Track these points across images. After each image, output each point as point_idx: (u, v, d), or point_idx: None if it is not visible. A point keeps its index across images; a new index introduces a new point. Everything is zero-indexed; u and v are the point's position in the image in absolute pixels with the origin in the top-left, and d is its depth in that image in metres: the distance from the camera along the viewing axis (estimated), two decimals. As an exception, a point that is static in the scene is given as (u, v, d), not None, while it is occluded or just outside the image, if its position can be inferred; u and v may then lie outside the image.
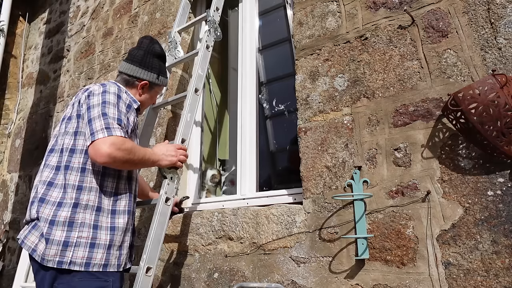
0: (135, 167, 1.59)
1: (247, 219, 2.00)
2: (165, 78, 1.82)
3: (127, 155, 1.41)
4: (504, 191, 1.36)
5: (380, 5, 1.80)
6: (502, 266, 1.32)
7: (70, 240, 1.35)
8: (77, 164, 1.44)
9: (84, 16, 3.96)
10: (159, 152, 1.63)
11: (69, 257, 1.33)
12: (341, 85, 1.84)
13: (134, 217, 1.58)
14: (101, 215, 1.43)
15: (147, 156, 1.53)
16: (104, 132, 1.37)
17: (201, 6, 2.92)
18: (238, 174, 2.35)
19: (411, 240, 1.50)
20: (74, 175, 1.42)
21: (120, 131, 1.41)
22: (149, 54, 1.75)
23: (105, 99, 1.46)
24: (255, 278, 1.88)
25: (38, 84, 4.38)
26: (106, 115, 1.41)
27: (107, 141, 1.36)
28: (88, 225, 1.39)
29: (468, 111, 1.31)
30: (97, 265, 1.38)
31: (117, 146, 1.37)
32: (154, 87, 1.77)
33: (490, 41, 1.48)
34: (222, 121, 2.98)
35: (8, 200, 4.17)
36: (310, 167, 1.83)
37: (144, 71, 1.72)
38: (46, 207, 1.39)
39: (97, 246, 1.39)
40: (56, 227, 1.36)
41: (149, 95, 1.76)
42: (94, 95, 1.48)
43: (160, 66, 1.78)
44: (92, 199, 1.41)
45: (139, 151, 1.49)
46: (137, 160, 1.47)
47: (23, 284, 2.87)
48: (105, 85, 1.54)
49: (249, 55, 2.53)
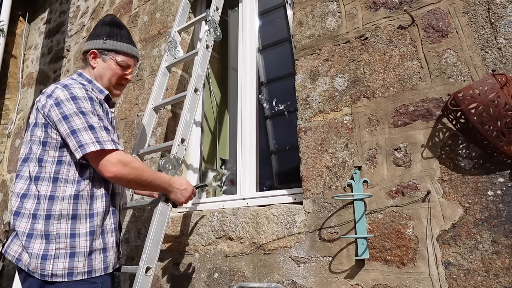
0: (140, 188, 1.56)
1: (247, 219, 2.00)
2: (118, 42, 1.60)
3: (134, 174, 1.39)
4: (504, 191, 1.36)
5: (380, 5, 1.80)
6: (502, 266, 1.32)
7: (48, 253, 1.31)
8: (48, 174, 1.37)
9: (84, 16, 3.96)
10: (177, 185, 1.57)
11: (49, 270, 1.29)
12: (341, 85, 1.84)
13: (116, 216, 1.51)
14: (78, 221, 1.36)
15: (158, 182, 1.50)
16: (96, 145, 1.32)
17: (201, 6, 2.92)
18: (238, 174, 2.35)
19: (411, 240, 1.50)
20: (45, 185, 1.36)
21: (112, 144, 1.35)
22: (98, 25, 1.64)
23: (81, 108, 1.36)
24: (255, 278, 1.88)
25: (38, 84, 4.38)
26: (93, 128, 1.34)
27: (112, 158, 1.34)
28: (64, 235, 1.33)
29: (468, 111, 1.31)
30: (81, 274, 1.33)
31: (124, 164, 1.36)
32: (108, 54, 1.58)
33: (490, 41, 1.48)
34: (222, 121, 2.98)
35: (8, 200, 4.18)
36: (310, 167, 1.83)
37: (91, 41, 1.59)
38: (22, 221, 1.35)
39: (77, 255, 1.34)
40: (35, 240, 1.32)
41: (105, 64, 1.58)
42: (63, 103, 1.36)
43: (111, 32, 1.61)
44: (65, 208, 1.35)
45: (148, 173, 1.45)
46: (145, 182, 1.44)
47: (23, 284, 2.87)
48: (68, 87, 1.40)
49: (249, 55, 2.54)
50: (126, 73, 1.63)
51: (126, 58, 1.62)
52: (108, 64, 1.58)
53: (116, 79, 1.61)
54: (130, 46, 1.64)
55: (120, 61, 1.60)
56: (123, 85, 1.67)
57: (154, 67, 2.81)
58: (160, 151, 2.34)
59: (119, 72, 1.61)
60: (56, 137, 1.38)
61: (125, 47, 1.62)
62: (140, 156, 2.02)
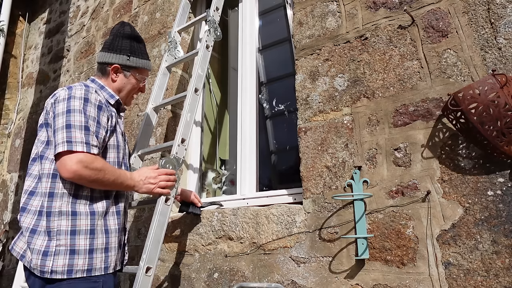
0: (106, 188, 1.46)
1: (247, 219, 2.00)
2: (140, 59, 1.69)
3: (95, 175, 1.37)
4: (504, 191, 1.36)
5: (380, 5, 1.80)
6: (502, 266, 1.32)
7: (49, 250, 1.33)
8: (47, 171, 1.40)
9: (84, 16, 3.96)
10: (137, 177, 1.54)
11: (49, 266, 1.31)
12: (341, 85, 1.84)
13: (120, 217, 1.53)
14: (78, 218, 1.38)
15: (120, 180, 1.46)
16: (64, 145, 1.33)
17: (201, 6, 2.92)
18: (238, 174, 2.35)
19: (411, 240, 1.50)
20: (45, 182, 1.39)
21: (83, 145, 1.35)
22: (118, 37, 1.68)
23: (69, 107, 1.39)
24: (255, 278, 1.88)
25: (38, 84, 4.38)
26: (70, 127, 1.36)
27: (73, 158, 1.32)
28: (65, 232, 1.35)
29: (468, 111, 1.31)
30: (80, 271, 1.35)
31: (84, 164, 1.33)
32: (130, 70, 1.67)
33: (490, 41, 1.48)
34: (222, 121, 2.98)
35: (8, 200, 4.18)
36: (310, 167, 1.83)
37: (113, 54, 1.64)
38: (27, 217, 1.39)
39: (78, 252, 1.35)
40: (38, 236, 1.35)
41: (126, 79, 1.66)
42: (59, 102, 1.42)
43: (132, 47, 1.68)
44: (65, 205, 1.37)
45: (111, 173, 1.42)
46: (107, 182, 1.41)
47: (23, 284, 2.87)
48: (71, 88, 1.46)
49: (249, 55, 2.54)
50: (141, 85, 1.75)
51: (145, 73, 1.75)
52: (129, 80, 1.69)
53: (134, 92, 1.74)
54: (148, 62, 1.76)
55: (140, 77, 1.72)
56: (136, 94, 1.79)
57: (154, 67, 2.81)
58: (160, 151, 2.34)
59: (137, 86, 1.73)
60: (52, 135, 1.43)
61: (145, 64, 1.73)
62: (140, 156, 2.02)
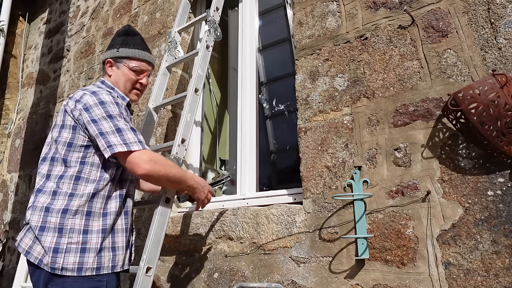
0: (165, 185, 1.57)
1: (247, 219, 2.00)
2: (129, 49, 1.66)
3: (164, 169, 1.44)
4: (504, 191, 1.36)
5: (380, 5, 1.80)
6: (502, 266, 1.32)
7: (60, 247, 1.35)
8: (71, 173, 1.43)
9: (84, 16, 3.96)
10: (201, 182, 1.66)
11: (60, 263, 1.33)
12: (341, 85, 1.84)
13: (128, 217, 1.56)
14: (92, 219, 1.42)
15: (185, 178, 1.56)
16: (123, 146, 1.38)
17: (201, 6, 2.92)
18: (238, 174, 2.35)
19: (411, 240, 1.50)
20: (67, 183, 1.42)
21: (138, 144, 1.41)
22: (114, 36, 1.73)
23: (108, 112, 1.43)
24: (255, 278, 1.88)
25: (38, 84, 4.38)
26: (120, 131, 1.41)
27: (143, 156, 1.40)
28: (78, 231, 1.38)
29: (468, 111, 1.31)
30: (90, 269, 1.37)
31: (154, 160, 1.41)
32: (121, 61, 1.65)
33: (490, 41, 1.48)
34: (222, 121, 2.98)
35: (8, 200, 4.18)
36: (310, 167, 1.83)
37: (108, 51, 1.69)
38: (35, 214, 1.41)
39: (88, 251, 1.38)
40: (47, 232, 1.37)
41: (119, 71, 1.65)
42: (92, 107, 1.44)
43: (124, 40, 1.68)
44: (82, 204, 1.41)
45: (176, 168, 1.52)
46: (173, 178, 1.49)
47: (23, 284, 2.87)
48: (96, 93, 1.48)
49: (249, 55, 2.53)
50: (139, 77, 1.68)
51: (139, 63, 1.67)
52: (122, 70, 1.65)
53: (131, 84, 1.67)
54: (142, 51, 1.70)
55: (133, 67, 1.66)
56: (139, 90, 1.71)
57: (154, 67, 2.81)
58: (160, 151, 2.33)
59: (133, 78, 1.67)
60: (83, 138, 1.44)
61: (136, 53, 1.68)
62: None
